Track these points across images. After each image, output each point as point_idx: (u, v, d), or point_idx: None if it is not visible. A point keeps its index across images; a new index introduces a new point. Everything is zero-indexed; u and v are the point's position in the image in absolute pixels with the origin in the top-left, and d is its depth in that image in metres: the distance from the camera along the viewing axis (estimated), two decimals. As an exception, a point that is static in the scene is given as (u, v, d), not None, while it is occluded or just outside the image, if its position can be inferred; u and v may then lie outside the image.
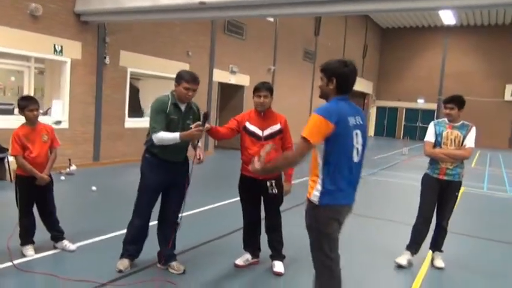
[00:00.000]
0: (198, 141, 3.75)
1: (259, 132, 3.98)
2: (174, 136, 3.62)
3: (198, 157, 3.80)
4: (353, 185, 2.78)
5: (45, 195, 4.20)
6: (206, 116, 3.63)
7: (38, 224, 4.27)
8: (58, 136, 6.24)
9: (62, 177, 8.01)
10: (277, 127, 4.00)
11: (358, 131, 2.71)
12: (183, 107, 3.82)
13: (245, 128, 4.02)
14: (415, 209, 4.70)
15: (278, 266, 4.15)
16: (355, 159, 2.72)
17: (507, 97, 26.06)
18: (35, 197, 4.17)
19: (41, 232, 4.31)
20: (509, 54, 26.13)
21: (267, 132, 3.98)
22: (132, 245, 3.97)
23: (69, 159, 8.74)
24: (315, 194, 2.66)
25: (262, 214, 4.22)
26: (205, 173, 9.92)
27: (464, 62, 27.24)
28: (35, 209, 4.24)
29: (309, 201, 2.71)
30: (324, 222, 2.68)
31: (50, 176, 4.20)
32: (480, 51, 26.88)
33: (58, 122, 8.91)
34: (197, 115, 3.95)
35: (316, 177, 2.68)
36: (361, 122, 2.76)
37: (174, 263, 4.00)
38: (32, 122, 4.12)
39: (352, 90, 2.76)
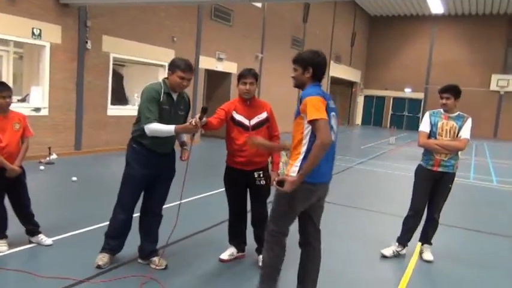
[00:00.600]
0: (194, 135, 3.56)
1: (246, 121, 3.81)
2: (168, 129, 3.43)
3: (184, 155, 3.78)
4: (330, 162, 3.00)
5: (17, 188, 3.96)
6: (205, 111, 3.46)
7: (12, 217, 4.04)
8: (37, 124, 6.07)
9: (42, 167, 7.73)
10: (263, 115, 3.85)
11: (334, 113, 2.96)
12: (175, 96, 3.63)
13: (232, 118, 3.84)
14: (404, 200, 4.60)
15: None
16: (333, 137, 2.90)
17: (493, 87, 26.23)
18: (6, 189, 3.92)
19: (16, 226, 4.08)
20: (496, 45, 26.26)
21: (254, 121, 3.82)
22: (114, 240, 3.78)
23: (49, 148, 8.44)
24: (294, 170, 2.81)
25: (248, 206, 4.05)
26: (191, 162, 9.69)
27: (452, 51, 27.27)
28: (7, 202, 3.99)
29: (288, 177, 2.82)
30: (298, 199, 2.86)
31: (21, 167, 3.95)
32: (467, 40, 26.93)
33: (37, 109, 8.59)
34: (188, 105, 3.81)
35: (298, 154, 2.83)
36: (334, 106, 3.01)
37: (155, 258, 3.82)
38: (3, 109, 3.85)
39: (323, 77, 3.00)
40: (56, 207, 5.53)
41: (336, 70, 24.74)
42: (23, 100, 8.94)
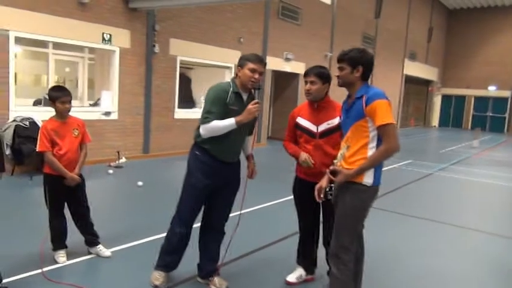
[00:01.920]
0: (251, 131, 3.24)
1: (312, 127, 3.37)
2: (228, 123, 3.08)
3: (250, 172, 3.49)
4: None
5: (76, 196, 3.80)
6: (258, 88, 3.24)
7: (73, 226, 3.90)
8: (107, 127, 5.93)
9: (110, 171, 7.78)
10: (335, 121, 3.29)
11: None
12: (245, 97, 3.24)
13: (297, 125, 3.44)
14: (498, 214, 3.82)
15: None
16: None
17: None
18: (65, 197, 3.79)
19: (76, 235, 3.95)
20: None
21: (322, 127, 3.34)
22: (171, 256, 3.44)
23: (118, 152, 8.53)
24: (369, 176, 2.74)
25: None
26: (256, 166, 9.36)
27: (545, 44, 24.54)
28: (67, 211, 3.86)
29: (358, 184, 2.75)
30: (369, 204, 2.83)
31: (80, 175, 3.79)
32: None
33: (107, 113, 8.72)
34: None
35: (364, 160, 2.73)
36: None
37: (215, 278, 3.47)
38: (62, 115, 3.72)
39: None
40: (118, 215, 5.42)
41: (411, 68, 23.28)
42: (95, 104, 9.15)
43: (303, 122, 3.41)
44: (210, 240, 3.48)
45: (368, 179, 2.74)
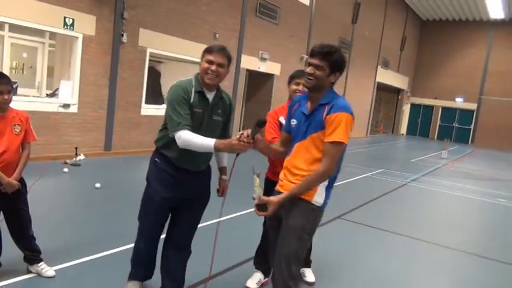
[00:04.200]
0: (237, 154, 2.52)
1: None
2: (207, 144, 2.52)
3: (220, 190, 3.07)
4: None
5: (14, 205, 3.16)
6: (261, 125, 2.47)
7: (8, 239, 3.25)
8: (65, 121, 5.36)
9: (65, 169, 7.03)
10: None
11: None
12: (210, 97, 2.78)
13: (280, 124, 3.18)
14: (477, 232, 3.48)
15: (309, 275, 3.70)
16: None
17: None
18: (1, 206, 3.14)
19: (14, 249, 3.29)
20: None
21: None
22: (142, 268, 3.12)
23: (76, 148, 7.79)
24: (320, 195, 2.44)
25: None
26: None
27: (511, 60, 25.20)
28: (3, 223, 3.21)
29: (308, 203, 2.43)
30: (316, 225, 2.54)
31: (21, 180, 3.16)
32: (530, 49, 24.83)
33: (66, 106, 7.97)
34: (229, 110, 2.94)
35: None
36: None
37: None
38: (0, 107, 3.07)
39: None
40: (68, 224, 4.74)
41: (383, 76, 23.36)
42: (53, 95, 8.37)
43: (283, 120, 3.15)
44: (172, 258, 3.01)
45: (318, 198, 2.45)
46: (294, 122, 2.54)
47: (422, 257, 4.87)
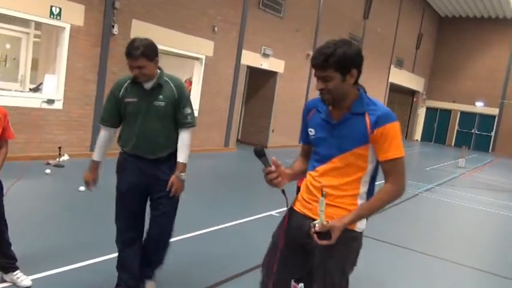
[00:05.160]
0: (283, 192, 2.32)
1: None
2: (94, 154, 3.39)
3: (169, 186, 3.20)
4: None
5: (-12, 209, 3.19)
6: (261, 153, 2.25)
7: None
8: (49, 118, 5.40)
9: (48, 170, 7.07)
10: None
11: None
12: (148, 85, 3.15)
13: None
14: (495, 249, 3.49)
15: None
16: None
17: None
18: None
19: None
20: None
21: None
22: (124, 273, 3.33)
23: (60, 147, 7.84)
24: (363, 220, 2.24)
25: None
26: (220, 177, 8.87)
27: (537, 61, 25.25)
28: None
29: (350, 231, 2.19)
30: (359, 254, 2.34)
31: (-3, 181, 3.19)
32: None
33: (50, 101, 8.02)
34: (175, 93, 3.19)
35: (356, 196, 2.23)
36: None
37: (147, 284, 3.43)
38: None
39: None
40: (48, 229, 4.76)
41: (397, 76, 23.39)
42: (36, 90, 8.42)
43: None
44: (152, 234, 3.37)
45: (361, 223, 2.25)
46: (312, 132, 2.32)
47: (435, 275, 4.87)
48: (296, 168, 2.47)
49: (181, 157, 3.24)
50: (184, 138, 3.24)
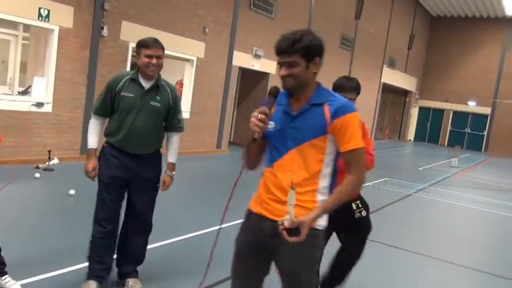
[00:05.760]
0: (255, 137, 2.23)
1: None
2: (89, 140, 3.47)
3: (163, 186, 3.54)
4: None
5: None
6: (275, 94, 2.25)
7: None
8: (38, 121, 5.38)
9: (37, 174, 7.03)
10: None
11: None
12: (147, 85, 3.38)
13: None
14: (491, 249, 3.54)
15: None
16: None
17: None
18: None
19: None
20: None
21: None
22: (97, 264, 3.46)
23: (49, 151, 7.79)
24: (324, 216, 2.22)
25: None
26: (212, 179, 8.88)
27: (529, 61, 25.51)
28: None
29: (311, 229, 2.11)
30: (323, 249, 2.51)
31: (-15, 185, 3.18)
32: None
33: (39, 104, 7.98)
34: (171, 100, 3.47)
35: (315, 192, 2.21)
36: None
37: (130, 281, 3.54)
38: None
39: None
40: (38, 234, 4.73)
41: (389, 76, 23.53)
42: (25, 93, 8.37)
43: None
44: (132, 230, 3.54)
45: (322, 220, 2.23)
46: (272, 124, 2.27)
47: (428, 275, 4.91)
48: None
49: (173, 158, 3.58)
50: (175, 141, 3.59)
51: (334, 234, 3.58)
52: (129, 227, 3.56)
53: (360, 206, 3.45)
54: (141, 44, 3.34)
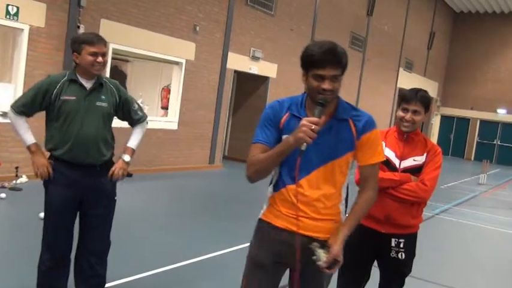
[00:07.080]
0: (303, 149, 2.30)
1: (395, 161, 3.39)
2: (23, 137, 3.62)
3: (110, 173, 3.53)
4: None
5: None
6: (325, 104, 2.32)
7: None
8: (3, 134, 5.36)
9: (2, 194, 7.08)
10: (422, 159, 3.38)
11: None
12: (88, 85, 3.47)
13: None
14: None
15: None
16: None
17: None
18: None
19: None
20: None
21: (407, 163, 3.38)
22: None
23: (17, 168, 7.83)
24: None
25: None
26: (204, 199, 8.88)
27: None
28: None
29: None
30: None
31: None
32: None
33: (5, 114, 8.00)
34: (117, 96, 3.60)
35: (339, 204, 2.53)
36: None
37: None
38: None
39: None
40: (1, 264, 4.76)
41: (406, 80, 23.64)
42: (-11, 101, 8.43)
43: (387, 152, 3.35)
44: (88, 251, 3.59)
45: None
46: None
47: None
48: None
49: (133, 143, 3.68)
50: (139, 130, 3.71)
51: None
52: (85, 248, 3.60)
53: (401, 246, 3.45)
54: (83, 41, 3.39)
